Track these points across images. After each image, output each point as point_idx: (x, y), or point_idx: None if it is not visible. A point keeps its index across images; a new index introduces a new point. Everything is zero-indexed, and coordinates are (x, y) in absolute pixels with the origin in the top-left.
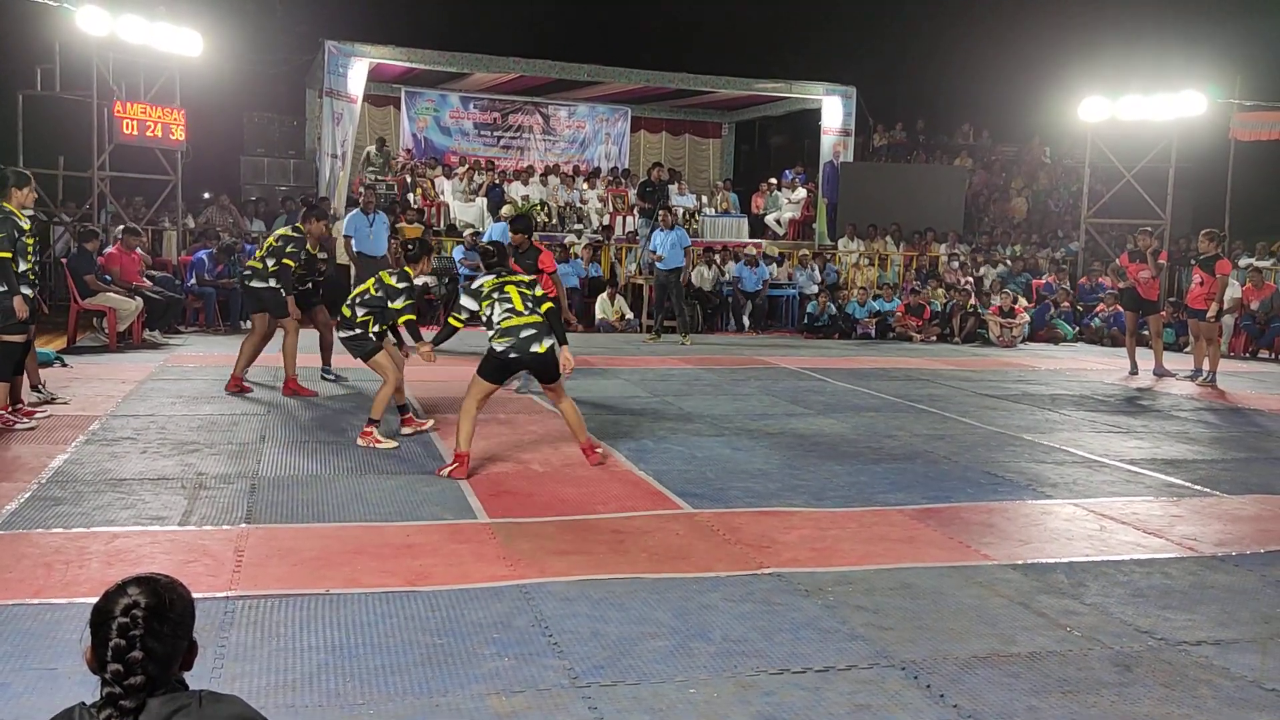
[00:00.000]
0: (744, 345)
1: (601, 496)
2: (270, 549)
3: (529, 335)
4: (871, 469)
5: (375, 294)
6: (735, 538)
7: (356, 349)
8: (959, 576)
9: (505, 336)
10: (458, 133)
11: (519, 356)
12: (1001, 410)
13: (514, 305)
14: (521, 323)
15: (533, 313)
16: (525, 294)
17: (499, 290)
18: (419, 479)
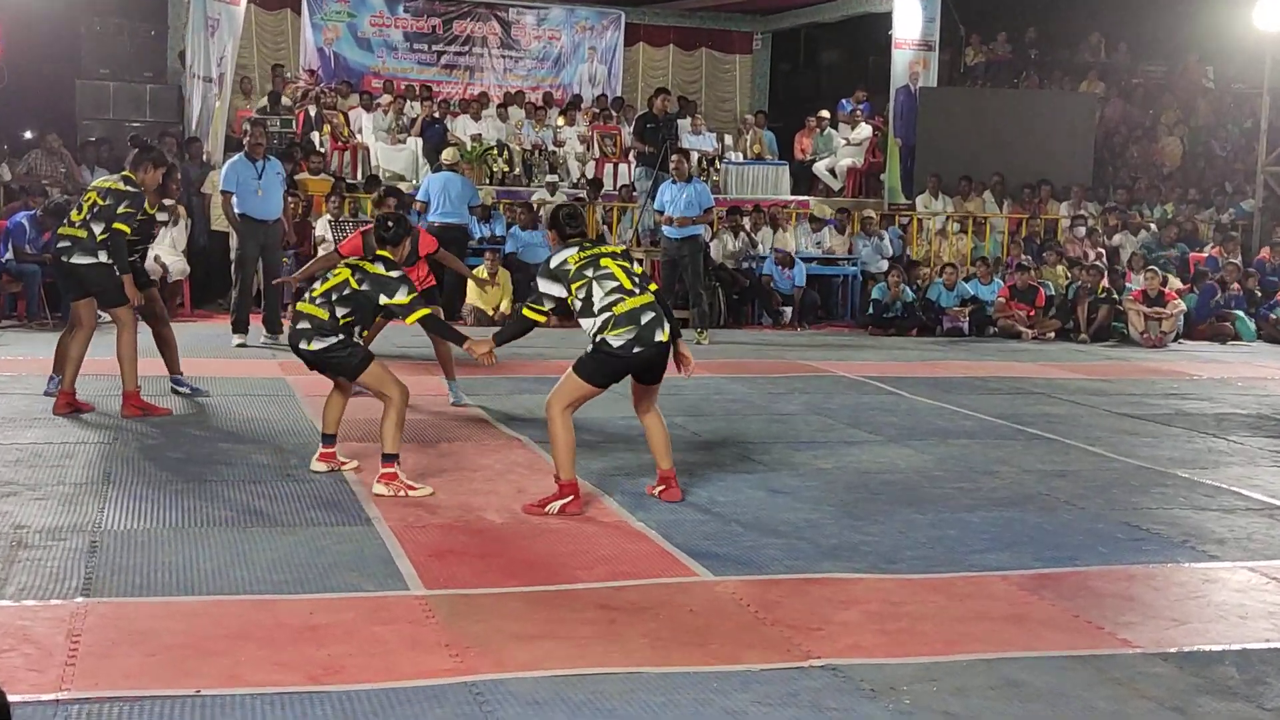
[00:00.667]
0: (784, 344)
1: (584, 558)
2: (118, 633)
3: (651, 319)
4: (964, 519)
5: (358, 288)
6: (772, 616)
7: (338, 364)
8: (1088, 670)
9: (623, 326)
10: (382, 47)
11: (643, 350)
12: (1146, 436)
13: (621, 283)
14: (638, 304)
15: (644, 290)
16: (627, 267)
17: (593, 264)
18: (326, 533)
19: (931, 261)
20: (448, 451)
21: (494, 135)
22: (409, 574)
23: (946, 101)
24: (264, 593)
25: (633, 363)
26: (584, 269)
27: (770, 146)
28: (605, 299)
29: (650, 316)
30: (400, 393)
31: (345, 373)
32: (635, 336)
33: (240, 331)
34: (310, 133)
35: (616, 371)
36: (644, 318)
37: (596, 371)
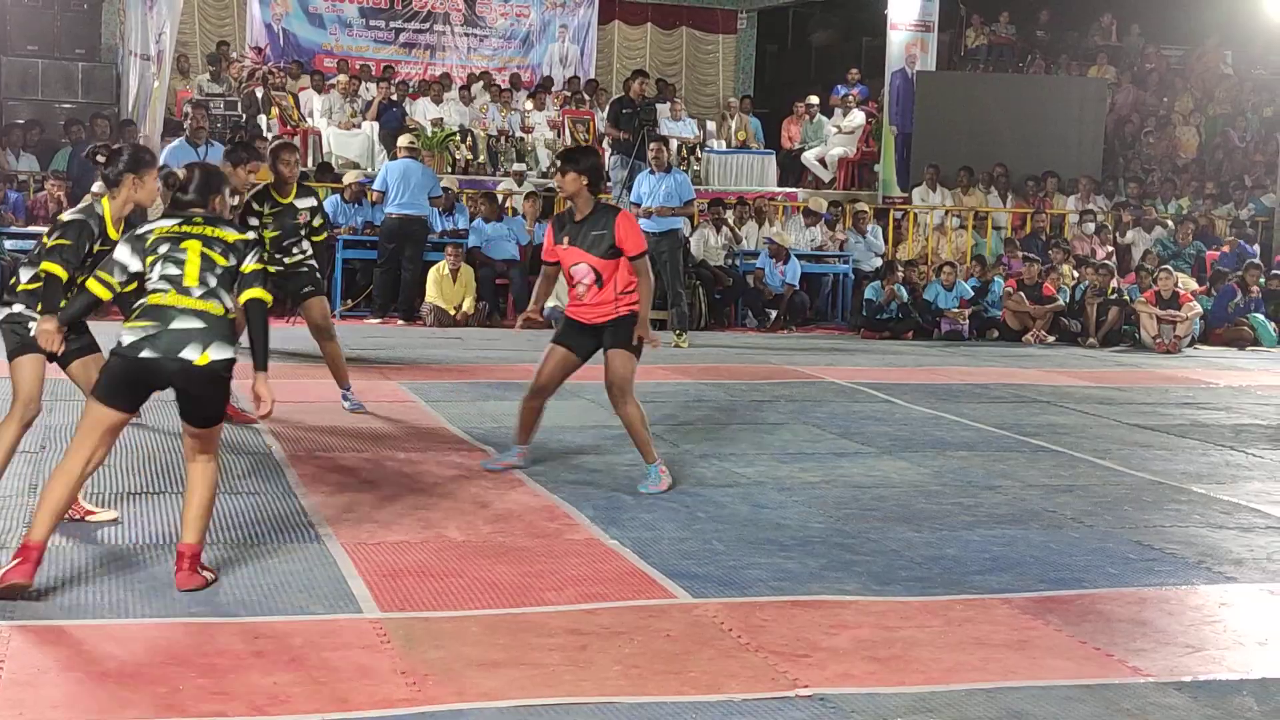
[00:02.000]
0: (770, 348)
1: (553, 579)
2: (44, 660)
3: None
4: (963, 537)
5: (47, 240)
6: (756, 641)
7: (6, 338)
8: (1096, 701)
9: (145, 319)
10: (335, 24)
11: (159, 358)
12: (1159, 449)
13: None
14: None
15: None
16: (211, 259)
17: (173, 243)
18: (272, 551)
19: (929, 259)
20: (406, 462)
21: (456, 120)
22: (362, 595)
23: (946, 87)
24: (204, 616)
25: (142, 371)
26: (160, 243)
27: (756, 134)
28: (153, 284)
29: (191, 324)
30: (23, 406)
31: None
32: (149, 336)
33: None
34: (257, 116)
35: (126, 382)
36: (178, 321)
37: (104, 383)
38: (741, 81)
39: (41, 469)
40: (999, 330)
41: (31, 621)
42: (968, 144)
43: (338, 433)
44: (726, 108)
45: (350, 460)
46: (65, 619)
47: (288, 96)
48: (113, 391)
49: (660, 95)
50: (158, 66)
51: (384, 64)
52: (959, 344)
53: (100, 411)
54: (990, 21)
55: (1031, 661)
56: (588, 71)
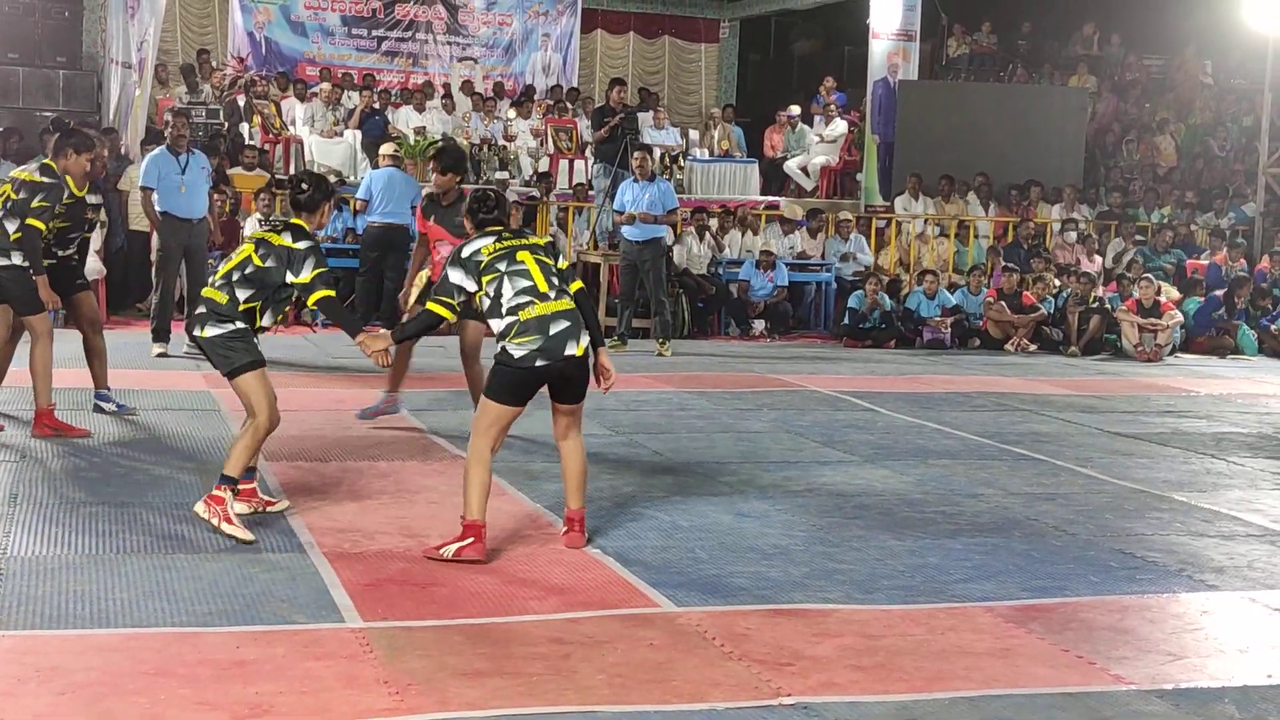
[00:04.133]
0: (753, 356)
1: (536, 588)
2: (25, 669)
3: (563, 330)
4: (946, 545)
5: (262, 264)
6: (740, 650)
7: (223, 358)
8: (1078, 709)
9: (527, 334)
10: (317, 31)
11: (549, 364)
12: (1140, 457)
13: (535, 284)
14: (550, 310)
15: (561, 295)
16: (546, 264)
17: (508, 258)
18: (254, 560)
19: (911, 267)
20: (387, 471)
21: (439, 128)
22: (344, 605)
23: (927, 96)
24: (186, 625)
25: (539, 375)
26: (497, 261)
27: (738, 143)
28: (514, 300)
29: (563, 326)
30: (268, 417)
31: (225, 368)
32: (539, 348)
33: (161, 340)
34: (239, 124)
35: (521, 386)
36: (554, 327)
37: (501, 388)
38: (724, 90)
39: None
40: (980, 339)
41: (12, 632)
42: (950, 153)
43: (320, 442)
44: (709, 117)
45: (332, 469)
46: (46, 629)
47: (270, 105)
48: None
49: (643, 104)
50: (139, 74)
51: (366, 72)
52: (941, 353)
53: (499, 410)
54: (972, 31)
55: (1014, 670)
56: (570, 80)
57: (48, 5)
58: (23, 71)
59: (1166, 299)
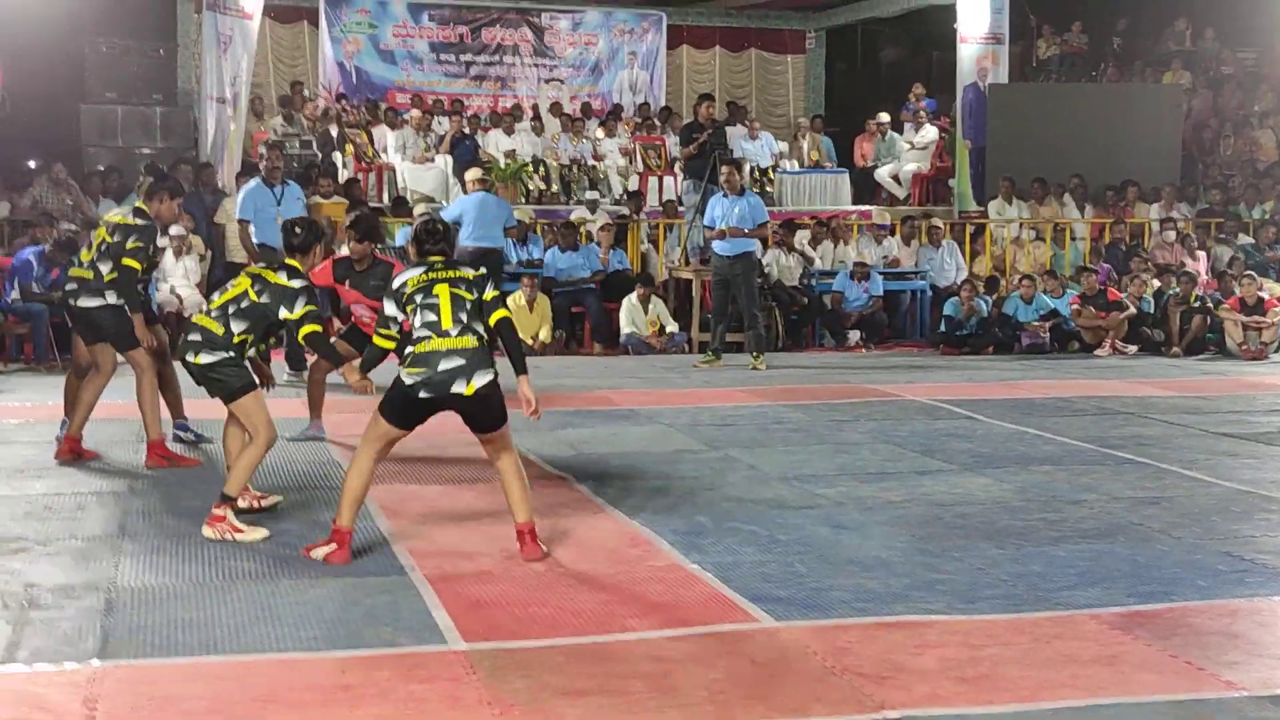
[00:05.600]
0: (848, 368)
1: (635, 606)
2: (137, 697)
3: (454, 367)
4: (1049, 553)
5: (257, 299)
6: (842, 664)
7: (218, 383)
8: (1188, 716)
9: (416, 366)
10: (407, 59)
11: (433, 397)
12: (1247, 458)
13: (439, 319)
14: (444, 347)
15: (466, 331)
16: (461, 297)
17: (425, 291)
18: (357, 584)
19: (1007, 272)
20: (486, 492)
21: (529, 150)
22: (447, 627)
23: (1019, 99)
24: (292, 651)
25: (422, 406)
26: (416, 293)
27: (828, 153)
28: (417, 332)
29: (455, 364)
30: (267, 438)
31: (222, 393)
32: (424, 380)
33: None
34: (332, 154)
35: (405, 411)
36: (444, 363)
37: (389, 406)
38: (812, 101)
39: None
40: (1079, 343)
41: (124, 661)
42: (1043, 155)
43: (418, 466)
44: (798, 128)
45: (431, 492)
46: (157, 657)
47: (362, 133)
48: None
49: (731, 118)
50: (233, 109)
51: (455, 97)
52: (1040, 358)
53: (385, 427)
54: (1062, 31)
55: (1121, 677)
56: (658, 97)
57: (143, 45)
58: (120, 110)
59: (1270, 296)
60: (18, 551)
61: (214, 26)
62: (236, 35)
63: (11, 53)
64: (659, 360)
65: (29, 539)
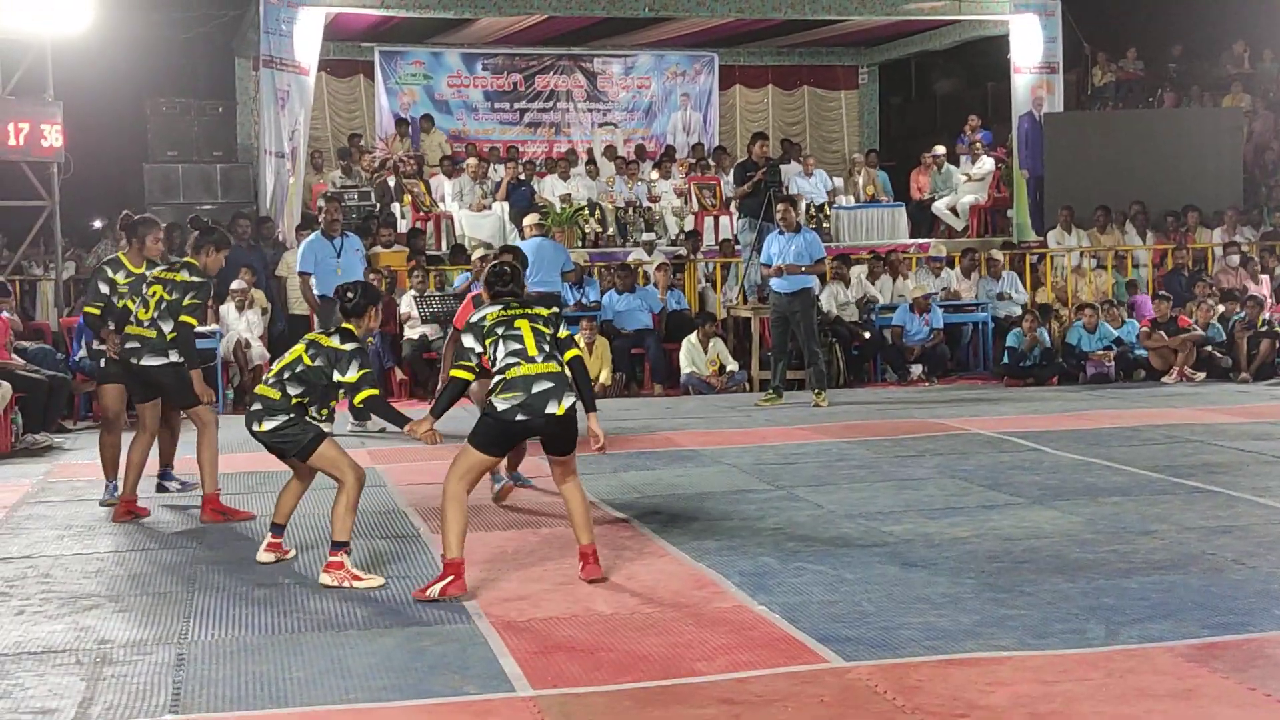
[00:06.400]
0: (911, 402)
1: (702, 649)
2: None
3: (546, 389)
4: (1120, 585)
5: (311, 363)
6: (912, 703)
7: (289, 444)
8: None
9: (511, 391)
10: (461, 108)
11: (529, 420)
12: None
13: (524, 346)
14: (534, 371)
15: (550, 358)
16: (541, 331)
17: (506, 324)
18: (424, 633)
19: (1069, 301)
20: (549, 537)
21: (584, 194)
22: (514, 673)
23: (1075, 127)
24: (362, 701)
25: (517, 430)
26: (497, 326)
27: (884, 187)
28: (504, 360)
29: (545, 386)
30: (355, 477)
31: (296, 452)
32: (520, 403)
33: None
34: (390, 204)
35: (501, 438)
36: (536, 386)
37: (483, 437)
38: (866, 136)
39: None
40: (1145, 370)
41: (196, 715)
42: (1102, 183)
43: (482, 512)
44: (853, 163)
45: (495, 537)
46: (228, 710)
47: (419, 183)
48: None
49: (785, 155)
50: (292, 163)
51: (510, 145)
52: (1105, 387)
53: (478, 457)
54: (1117, 58)
55: (1198, 711)
56: (711, 138)
57: (202, 104)
58: (182, 168)
59: None
60: (90, 608)
61: (271, 83)
62: (293, 90)
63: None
64: (720, 400)
65: (100, 595)
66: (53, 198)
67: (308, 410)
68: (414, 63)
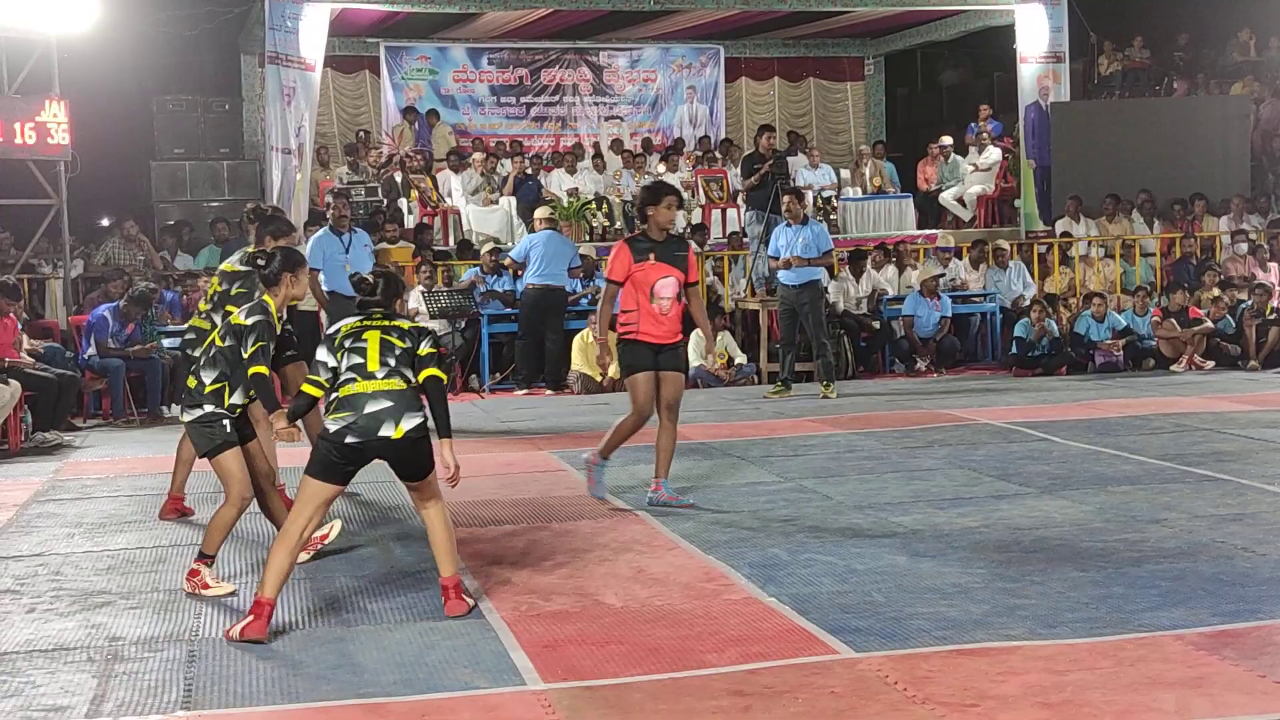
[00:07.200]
0: (920, 393)
1: (713, 640)
2: None
3: (381, 409)
4: (1130, 574)
5: (222, 344)
6: (923, 694)
7: (206, 438)
8: None
9: (341, 410)
10: (467, 103)
11: (361, 442)
12: None
13: (365, 362)
14: (370, 389)
15: (394, 375)
16: (390, 344)
17: (356, 336)
18: (435, 628)
19: (1077, 291)
20: (561, 531)
21: (591, 188)
22: (525, 667)
23: (1082, 116)
24: (373, 696)
25: (350, 454)
26: (346, 339)
27: (891, 178)
28: (343, 376)
29: (382, 406)
30: (240, 499)
31: (198, 449)
32: (349, 424)
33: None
34: (398, 200)
35: (334, 462)
36: (370, 405)
37: (318, 464)
38: (873, 127)
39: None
40: (1154, 359)
41: (207, 711)
42: (1109, 172)
43: (492, 506)
44: (859, 154)
45: (505, 531)
46: (239, 706)
47: (426, 178)
48: (326, 470)
49: (792, 147)
50: (299, 159)
51: (516, 139)
52: (1114, 376)
53: (315, 486)
54: (1123, 47)
55: (1210, 699)
56: (718, 130)
57: (209, 100)
58: (189, 165)
59: None
60: (102, 605)
61: (277, 79)
62: (299, 87)
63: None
64: (728, 392)
65: (112, 593)
66: (60, 196)
67: (228, 397)
68: (420, 58)
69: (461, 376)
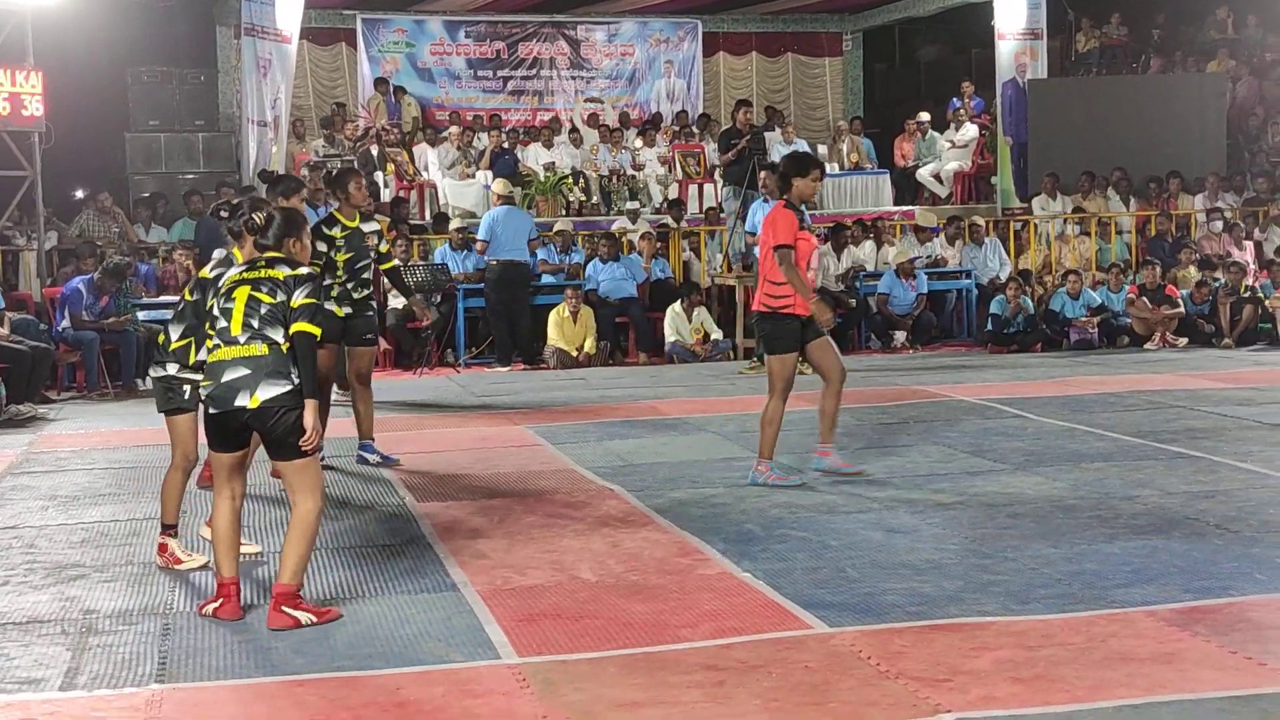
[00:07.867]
0: (895, 369)
1: (687, 615)
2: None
3: (240, 377)
4: (1102, 550)
5: (191, 298)
6: (896, 668)
7: (161, 397)
8: (1251, 713)
9: (208, 378)
10: (444, 76)
11: (220, 413)
12: None
13: (229, 325)
14: (231, 355)
15: (256, 338)
16: (258, 301)
17: (227, 295)
18: (409, 601)
19: (1053, 268)
20: (535, 506)
21: (568, 163)
22: (500, 641)
23: (1059, 93)
24: (348, 669)
25: (217, 423)
26: (221, 296)
27: (868, 154)
28: (214, 339)
29: (239, 374)
30: (184, 458)
31: (158, 405)
32: (210, 394)
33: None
34: (373, 173)
35: (213, 430)
36: (228, 373)
37: (207, 432)
38: (850, 103)
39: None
40: (1129, 337)
41: (182, 684)
42: (1086, 149)
43: (468, 480)
44: (837, 130)
45: (482, 507)
46: (214, 679)
47: (402, 152)
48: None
49: (769, 123)
50: (275, 132)
51: (494, 113)
52: (1089, 353)
53: (213, 456)
54: (1101, 24)
55: (1180, 674)
56: (696, 105)
57: (184, 72)
58: (164, 137)
59: None
60: (75, 578)
61: (253, 51)
62: (275, 59)
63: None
64: (704, 368)
65: (86, 565)
66: (34, 167)
67: (193, 354)
68: (396, 30)
69: (438, 351)
